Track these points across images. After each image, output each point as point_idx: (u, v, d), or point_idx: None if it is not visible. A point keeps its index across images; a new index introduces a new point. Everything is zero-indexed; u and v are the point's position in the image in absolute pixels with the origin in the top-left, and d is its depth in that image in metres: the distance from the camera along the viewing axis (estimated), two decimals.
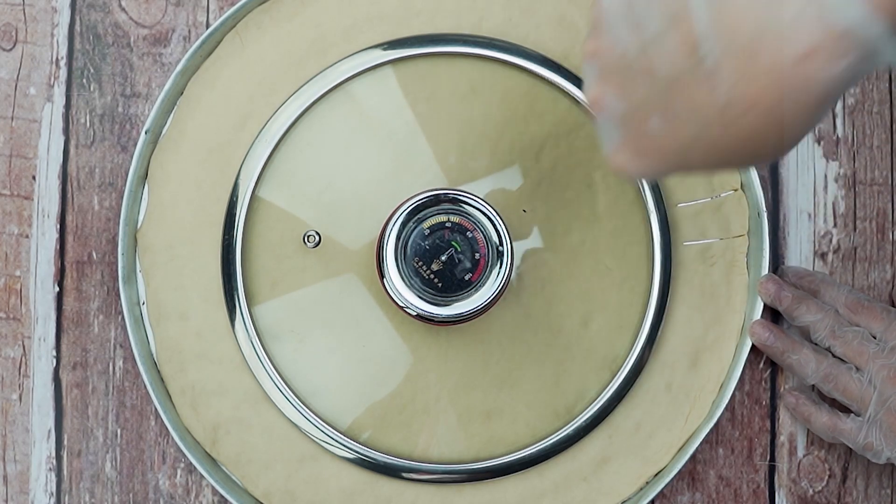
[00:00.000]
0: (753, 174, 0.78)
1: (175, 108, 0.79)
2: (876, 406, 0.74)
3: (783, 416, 0.80)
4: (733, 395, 0.80)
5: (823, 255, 0.81)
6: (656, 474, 0.78)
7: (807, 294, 0.78)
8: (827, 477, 0.80)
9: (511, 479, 0.78)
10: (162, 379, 0.78)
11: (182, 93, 0.79)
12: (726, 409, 0.79)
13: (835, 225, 0.81)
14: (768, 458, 0.80)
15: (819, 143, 0.81)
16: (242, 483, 0.78)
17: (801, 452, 0.80)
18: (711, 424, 0.78)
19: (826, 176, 0.81)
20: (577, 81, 0.78)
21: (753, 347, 0.78)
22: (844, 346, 0.75)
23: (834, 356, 0.76)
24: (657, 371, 0.78)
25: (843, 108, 0.82)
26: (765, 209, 0.78)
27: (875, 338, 0.75)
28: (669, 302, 0.78)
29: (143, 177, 0.79)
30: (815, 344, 0.77)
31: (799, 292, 0.78)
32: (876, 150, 0.81)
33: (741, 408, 0.80)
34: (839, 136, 0.81)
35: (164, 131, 0.79)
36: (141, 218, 0.79)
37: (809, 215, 0.81)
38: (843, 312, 0.77)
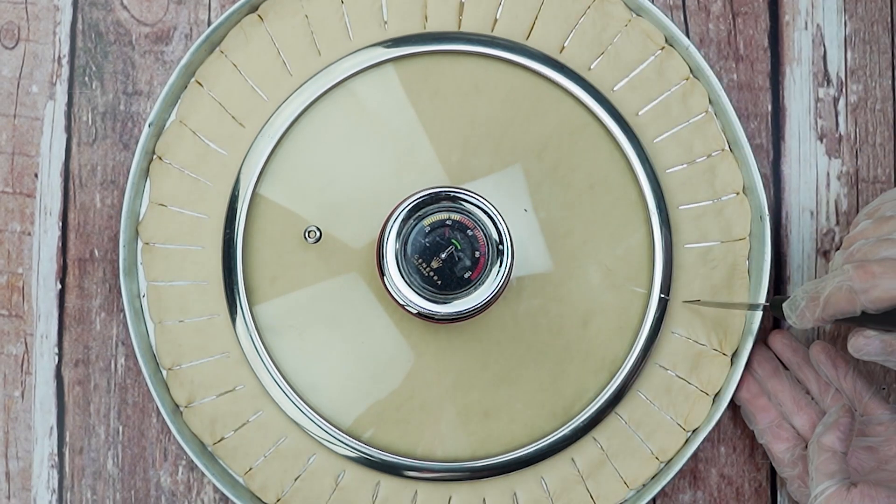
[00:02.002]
0: (756, 176, 0.77)
1: (178, 102, 0.79)
2: None
3: None
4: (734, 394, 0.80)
5: (826, 253, 0.81)
6: (655, 475, 0.78)
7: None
8: None
9: (510, 478, 0.78)
10: (161, 372, 0.78)
11: (185, 88, 0.79)
12: (728, 406, 0.79)
13: (837, 223, 0.81)
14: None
15: (821, 141, 0.81)
16: (240, 478, 0.78)
17: None
18: (711, 426, 0.77)
19: (828, 173, 0.81)
20: (580, 81, 0.78)
21: (754, 349, 0.78)
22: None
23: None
24: (657, 373, 0.78)
25: (846, 105, 0.81)
26: (767, 213, 0.77)
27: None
28: (670, 304, 0.78)
29: (146, 170, 0.79)
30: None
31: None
32: (878, 148, 0.81)
33: None
34: (842, 133, 0.81)
35: (166, 125, 0.79)
36: (143, 211, 0.79)
37: (812, 213, 0.81)
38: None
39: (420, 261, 0.73)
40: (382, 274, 0.74)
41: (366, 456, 0.77)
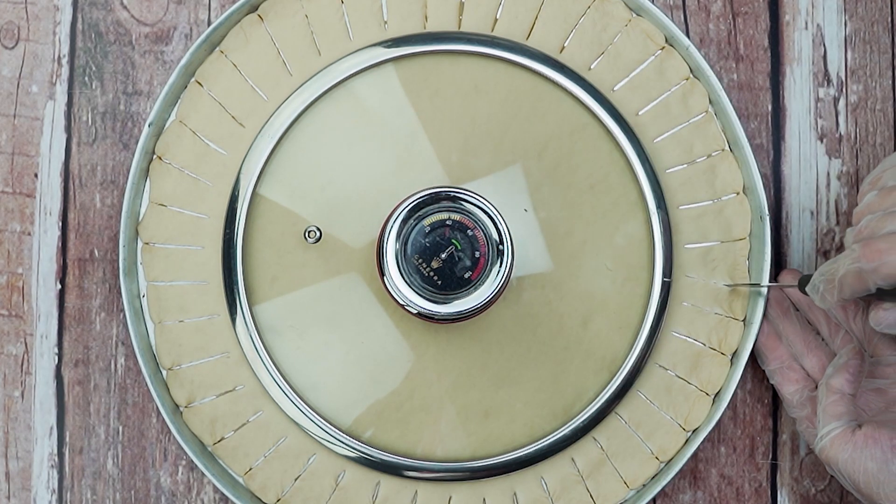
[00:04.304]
0: (756, 176, 0.77)
1: (178, 102, 0.79)
2: None
3: (785, 415, 0.80)
4: (735, 393, 0.80)
5: (826, 253, 0.81)
6: (655, 475, 0.78)
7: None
8: (829, 476, 0.80)
9: (510, 478, 0.78)
10: (161, 372, 0.78)
11: (185, 88, 0.79)
12: (728, 406, 0.79)
13: (837, 223, 0.81)
14: (770, 456, 0.80)
15: (821, 141, 0.81)
16: (240, 478, 0.78)
17: (803, 451, 0.80)
18: (711, 427, 0.77)
19: (829, 173, 0.81)
20: (580, 81, 0.78)
21: (754, 350, 0.78)
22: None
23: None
24: (657, 373, 0.78)
25: (846, 105, 0.81)
26: (767, 213, 0.77)
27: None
28: (670, 304, 0.78)
29: (146, 170, 0.79)
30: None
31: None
32: (879, 148, 0.81)
33: (743, 406, 0.80)
34: (842, 133, 0.81)
35: (166, 125, 0.79)
36: (143, 211, 0.79)
37: (812, 213, 0.81)
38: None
39: (420, 261, 0.73)
40: (382, 274, 0.74)
41: (366, 456, 0.77)
